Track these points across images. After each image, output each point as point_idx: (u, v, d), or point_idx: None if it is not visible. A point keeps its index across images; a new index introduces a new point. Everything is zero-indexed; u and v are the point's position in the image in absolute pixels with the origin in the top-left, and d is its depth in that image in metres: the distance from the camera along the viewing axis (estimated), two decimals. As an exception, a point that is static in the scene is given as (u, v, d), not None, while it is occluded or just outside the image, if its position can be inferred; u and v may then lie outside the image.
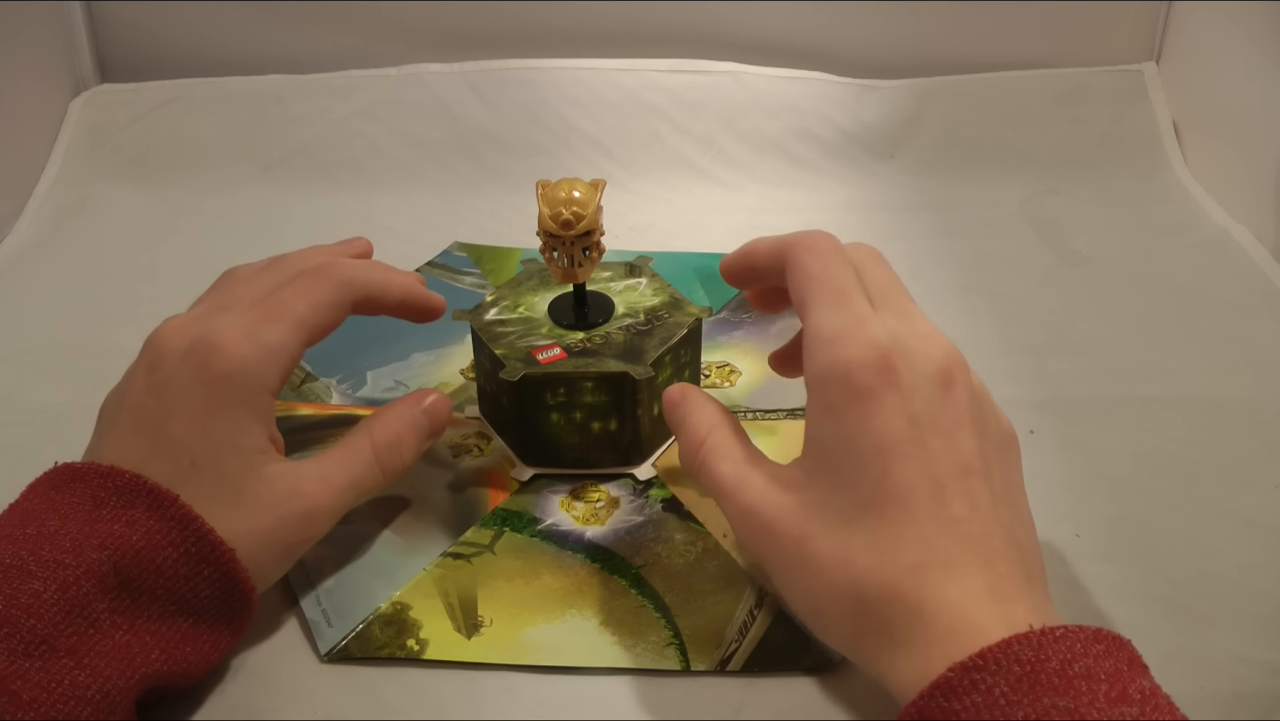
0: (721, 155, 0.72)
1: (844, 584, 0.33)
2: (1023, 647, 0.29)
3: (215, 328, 0.38)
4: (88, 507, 0.35)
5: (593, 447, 0.46)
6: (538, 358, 0.45)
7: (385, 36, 0.76)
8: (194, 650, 0.36)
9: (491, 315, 0.48)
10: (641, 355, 0.46)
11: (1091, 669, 0.29)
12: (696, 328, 0.48)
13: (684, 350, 0.48)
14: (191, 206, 0.69)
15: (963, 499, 0.33)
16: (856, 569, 0.33)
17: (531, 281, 0.50)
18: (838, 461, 0.34)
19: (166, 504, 0.35)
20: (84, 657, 0.33)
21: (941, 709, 0.29)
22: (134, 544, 0.34)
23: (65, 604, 0.33)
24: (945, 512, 0.33)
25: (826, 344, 0.35)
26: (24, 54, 0.71)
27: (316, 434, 0.50)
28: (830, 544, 0.34)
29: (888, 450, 0.33)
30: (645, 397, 0.45)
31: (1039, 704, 0.28)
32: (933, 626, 0.31)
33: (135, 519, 0.35)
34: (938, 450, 0.33)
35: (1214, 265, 0.63)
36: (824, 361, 0.35)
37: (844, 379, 0.34)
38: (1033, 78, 0.75)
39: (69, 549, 0.34)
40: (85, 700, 0.32)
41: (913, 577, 0.32)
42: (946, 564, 0.32)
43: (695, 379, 0.50)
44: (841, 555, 0.33)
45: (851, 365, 0.34)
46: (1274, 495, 0.46)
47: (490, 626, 0.40)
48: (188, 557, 0.35)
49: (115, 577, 0.34)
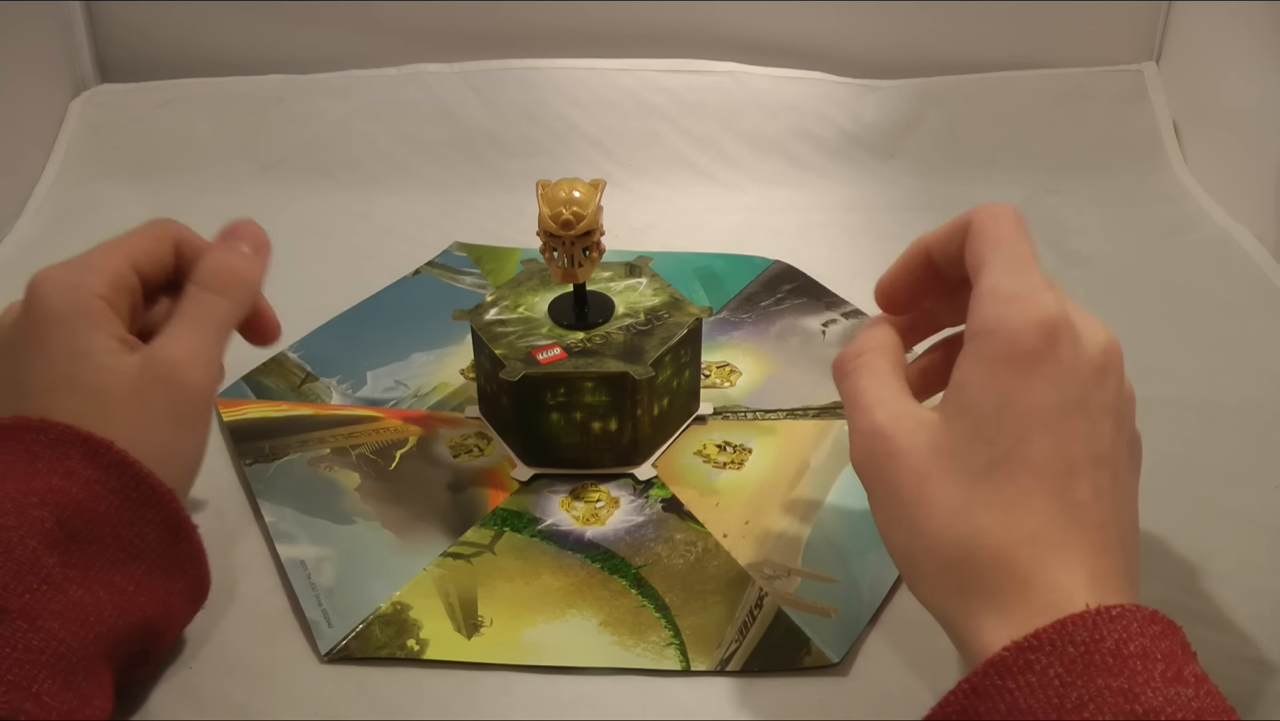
0: (721, 155, 0.72)
1: (957, 535, 0.32)
2: (1077, 628, 0.29)
3: (40, 271, 0.39)
4: (22, 462, 0.35)
5: (593, 447, 0.46)
6: (538, 357, 0.45)
7: (385, 36, 0.76)
8: (149, 599, 0.35)
9: (491, 315, 0.48)
10: (641, 355, 0.46)
11: (1148, 649, 0.29)
12: (696, 327, 0.48)
13: (684, 350, 0.48)
14: (191, 206, 0.69)
15: (1090, 486, 0.33)
16: (974, 524, 0.32)
17: (531, 281, 0.50)
18: (981, 414, 0.33)
19: (101, 450, 0.35)
20: (38, 619, 0.32)
21: (995, 686, 0.29)
22: (74, 496, 0.34)
23: (13, 565, 0.32)
24: (1071, 494, 0.32)
25: (1001, 300, 0.34)
26: (24, 54, 0.71)
27: (317, 434, 0.50)
28: (953, 491, 0.33)
29: (1034, 417, 0.33)
30: (645, 397, 0.45)
31: (1092, 685, 0.28)
32: (1038, 600, 0.31)
33: (72, 470, 0.35)
34: (1079, 432, 0.33)
35: (1214, 265, 0.63)
36: (994, 315, 0.34)
37: (1011, 336, 0.33)
38: (1033, 78, 0.75)
39: (10, 510, 0.33)
40: (41, 664, 0.31)
41: (1029, 547, 0.32)
42: (1062, 542, 0.32)
43: (695, 379, 0.50)
44: (961, 505, 0.33)
45: (1023, 325, 0.33)
46: (1274, 495, 0.46)
47: (490, 626, 0.40)
48: (130, 502, 0.35)
49: (60, 531, 0.34)
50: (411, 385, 0.53)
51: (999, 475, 0.33)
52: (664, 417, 0.48)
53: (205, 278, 0.40)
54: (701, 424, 0.50)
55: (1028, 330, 0.33)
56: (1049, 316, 0.33)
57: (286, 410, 0.51)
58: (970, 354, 0.34)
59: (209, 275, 0.40)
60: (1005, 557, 0.32)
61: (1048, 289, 0.34)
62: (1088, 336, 0.34)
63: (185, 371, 0.38)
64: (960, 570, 0.32)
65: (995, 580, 0.32)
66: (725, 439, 0.49)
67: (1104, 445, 0.33)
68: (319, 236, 0.66)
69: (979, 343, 0.34)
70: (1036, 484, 0.32)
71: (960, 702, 0.30)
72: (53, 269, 0.39)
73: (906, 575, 0.35)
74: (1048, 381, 0.33)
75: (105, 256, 0.40)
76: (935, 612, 0.34)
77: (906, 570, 0.34)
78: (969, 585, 0.32)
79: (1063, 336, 0.33)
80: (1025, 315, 0.33)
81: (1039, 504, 0.32)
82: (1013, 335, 0.33)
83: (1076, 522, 0.32)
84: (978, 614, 0.32)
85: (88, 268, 0.39)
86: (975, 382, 0.34)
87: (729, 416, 0.51)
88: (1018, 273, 0.35)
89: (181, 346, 0.38)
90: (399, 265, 0.62)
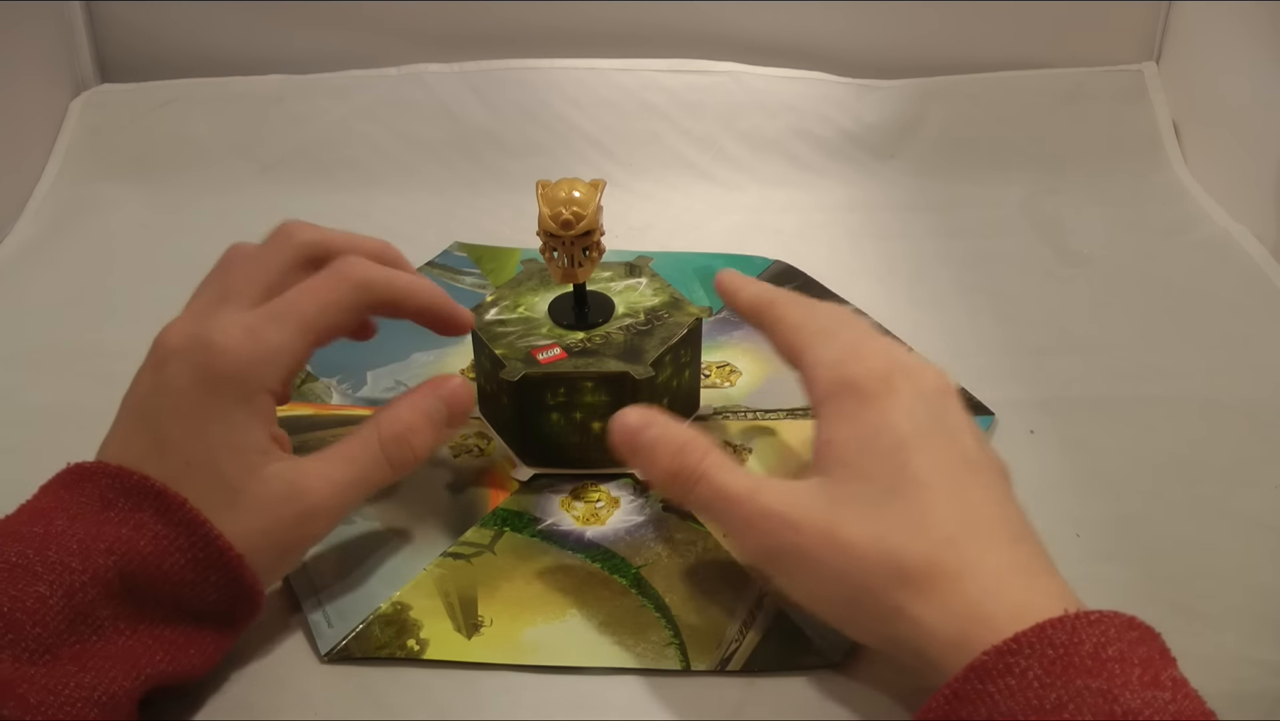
0: (721, 155, 0.72)
1: (880, 559, 0.34)
2: (1056, 631, 0.30)
3: (216, 326, 0.37)
4: (95, 508, 0.35)
5: (593, 447, 0.46)
6: (538, 357, 0.45)
7: (385, 36, 0.76)
8: (197, 652, 0.36)
9: (491, 315, 0.48)
10: (642, 355, 0.46)
11: (1125, 653, 0.29)
12: (696, 327, 0.48)
13: (684, 350, 0.48)
14: (191, 206, 0.69)
15: (978, 487, 0.35)
16: (891, 543, 0.34)
17: (531, 281, 0.50)
18: (857, 457, 0.36)
19: (174, 507, 0.35)
20: (88, 662, 0.33)
21: (976, 690, 0.30)
22: (141, 549, 0.34)
23: (70, 610, 0.33)
24: (965, 496, 0.35)
25: (831, 367, 0.38)
26: (24, 54, 0.71)
27: (316, 434, 0.50)
28: (861, 526, 0.34)
29: (904, 442, 0.35)
30: (645, 398, 0.45)
31: (1072, 686, 0.29)
32: (974, 588, 0.32)
33: (143, 522, 0.35)
34: (946, 445, 0.36)
35: (1214, 265, 0.63)
36: (832, 380, 0.37)
37: (854, 388, 0.37)
38: (1033, 78, 0.75)
39: (75, 551, 0.33)
40: (91, 701, 0.32)
41: (950, 549, 0.33)
42: (979, 537, 0.34)
43: (695, 379, 0.50)
44: (874, 534, 0.34)
45: (861, 375, 0.37)
46: (1274, 495, 0.46)
47: (490, 626, 0.40)
48: (195, 563, 0.35)
49: (121, 584, 0.34)
50: (411, 385, 0.53)
51: (897, 499, 0.34)
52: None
53: (387, 434, 0.39)
54: (701, 424, 0.50)
55: (867, 378, 0.37)
56: (881, 362, 0.37)
57: (286, 410, 0.51)
58: (826, 416, 0.37)
59: (391, 438, 0.39)
60: (933, 561, 0.33)
61: (865, 342, 0.38)
62: (919, 372, 0.38)
63: (318, 521, 0.38)
64: (895, 587, 0.33)
65: (930, 581, 0.33)
66: (725, 439, 0.49)
67: (972, 453, 0.36)
68: (319, 236, 0.66)
69: (829, 405, 0.37)
70: (932, 496, 0.34)
71: (942, 708, 0.30)
72: (237, 335, 0.37)
73: (846, 625, 0.36)
74: (901, 411, 0.36)
75: (295, 333, 0.38)
76: (884, 644, 0.35)
77: (845, 619, 0.36)
78: (906, 597, 0.33)
79: (896, 374, 0.37)
80: (860, 368, 0.37)
81: (943, 511, 0.34)
82: (856, 385, 0.37)
83: (983, 520, 0.34)
84: (921, 619, 0.33)
85: (272, 348, 0.37)
86: (841, 435, 0.36)
87: (729, 416, 0.51)
88: (832, 341, 0.39)
89: (324, 490, 0.38)
90: (399, 265, 0.62)
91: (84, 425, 0.40)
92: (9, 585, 0.32)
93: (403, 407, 0.40)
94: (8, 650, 0.31)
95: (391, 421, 0.39)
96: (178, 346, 0.37)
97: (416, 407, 0.40)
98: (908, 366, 0.38)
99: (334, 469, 0.38)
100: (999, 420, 0.50)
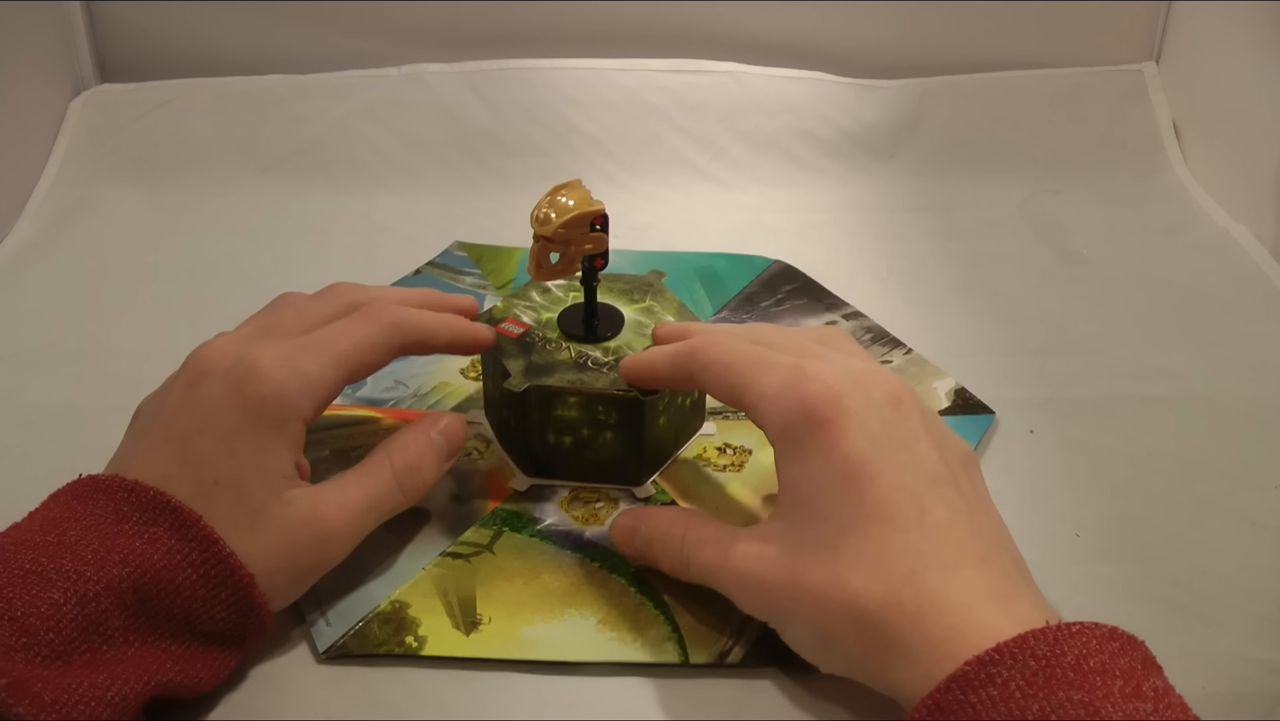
0: (721, 155, 0.72)
1: (842, 605, 0.33)
2: (1038, 643, 0.30)
3: (256, 351, 0.38)
4: (109, 521, 0.35)
5: (593, 463, 0.46)
6: (500, 331, 0.46)
7: (385, 36, 0.76)
8: (204, 667, 0.36)
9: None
10: None
11: (1106, 665, 0.29)
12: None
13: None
14: (191, 206, 0.69)
15: (941, 506, 0.34)
16: (851, 588, 0.33)
17: (542, 290, 0.50)
18: (813, 497, 0.35)
19: (189, 524, 0.35)
20: (99, 667, 0.33)
21: (958, 702, 0.30)
22: (155, 563, 0.34)
23: (83, 619, 0.33)
24: (927, 520, 0.34)
25: (775, 399, 0.37)
26: (24, 54, 0.71)
27: (316, 435, 0.49)
28: (821, 572, 0.34)
29: (857, 471, 0.34)
30: (649, 418, 0.45)
31: (1054, 697, 0.29)
32: (936, 628, 0.32)
33: (157, 536, 0.35)
34: (904, 463, 0.35)
35: (1214, 265, 0.63)
36: (779, 413, 0.36)
37: (802, 418, 0.36)
38: (1033, 78, 0.75)
39: (90, 561, 0.34)
40: (104, 701, 0.32)
41: (909, 586, 0.33)
42: (941, 567, 0.33)
43: (701, 397, 0.49)
44: (833, 579, 0.34)
45: (805, 403, 0.36)
46: (1274, 495, 0.46)
47: (489, 624, 0.40)
48: (206, 580, 0.35)
49: (134, 595, 0.34)
50: (411, 385, 0.53)
51: (853, 536, 0.34)
52: (667, 436, 0.47)
53: (399, 464, 0.41)
54: (700, 426, 0.50)
55: (814, 404, 0.36)
56: (824, 382, 0.36)
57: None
58: (781, 455, 0.37)
59: (404, 467, 0.41)
60: (891, 604, 0.33)
61: (805, 363, 0.37)
62: (868, 382, 0.36)
63: (334, 545, 0.39)
64: (861, 635, 0.33)
65: (892, 628, 0.33)
66: (725, 441, 0.49)
67: (933, 467, 0.35)
68: (319, 236, 0.66)
69: (783, 443, 0.37)
70: (890, 526, 0.34)
71: (924, 718, 0.30)
72: (276, 362, 0.38)
73: (824, 666, 0.36)
74: (853, 435, 0.35)
75: (330, 366, 0.39)
76: (867, 682, 0.35)
77: (822, 660, 0.36)
78: (873, 645, 0.33)
79: (844, 393, 0.36)
80: (806, 394, 0.36)
81: (900, 543, 0.33)
82: (804, 414, 0.36)
83: (946, 544, 0.33)
84: (889, 666, 0.33)
85: (308, 378, 0.38)
86: (796, 475, 0.36)
87: (729, 417, 0.50)
88: (768, 371, 0.37)
89: (341, 516, 0.39)
90: (399, 265, 0.62)
91: (83, 425, 0.40)
92: (23, 590, 0.32)
93: (410, 440, 0.42)
94: (22, 652, 0.31)
95: (402, 451, 0.41)
96: (217, 365, 0.38)
97: (421, 440, 0.42)
98: (856, 378, 0.36)
99: (350, 496, 0.39)
100: (999, 420, 0.50)
